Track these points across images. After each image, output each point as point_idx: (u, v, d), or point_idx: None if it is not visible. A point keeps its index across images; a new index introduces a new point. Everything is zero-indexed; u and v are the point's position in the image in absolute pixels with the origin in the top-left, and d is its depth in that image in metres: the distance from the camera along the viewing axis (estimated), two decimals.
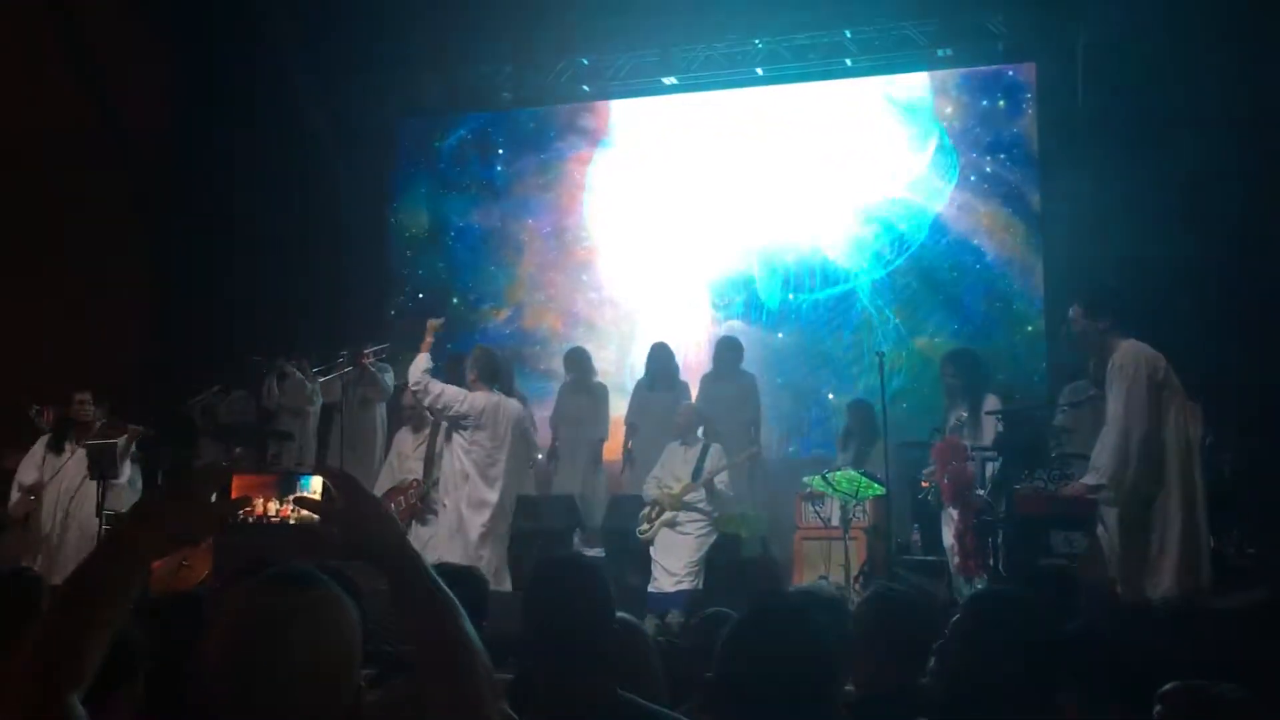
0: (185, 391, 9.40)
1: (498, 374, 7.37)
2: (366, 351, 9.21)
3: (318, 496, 1.71)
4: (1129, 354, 5.47)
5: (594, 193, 11.13)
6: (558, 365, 9.83)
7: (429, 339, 7.26)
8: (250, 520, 1.70)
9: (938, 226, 10.19)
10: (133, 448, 7.95)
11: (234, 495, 1.71)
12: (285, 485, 1.71)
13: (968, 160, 10.13)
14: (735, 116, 10.74)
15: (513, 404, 7.46)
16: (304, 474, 1.73)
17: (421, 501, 7.90)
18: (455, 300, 11.21)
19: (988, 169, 10.09)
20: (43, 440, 8.04)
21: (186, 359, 9.97)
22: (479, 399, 7.13)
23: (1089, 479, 5.49)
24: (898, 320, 10.11)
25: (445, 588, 1.70)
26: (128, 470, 7.95)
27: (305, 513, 1.72)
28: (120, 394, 8.44)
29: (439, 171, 11.62)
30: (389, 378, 9.25)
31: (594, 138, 11.20)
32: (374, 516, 1.71)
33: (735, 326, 10.19)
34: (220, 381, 9.41)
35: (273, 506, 1.71)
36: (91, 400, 8.04)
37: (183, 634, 2.66)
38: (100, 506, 7.59)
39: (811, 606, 2.56)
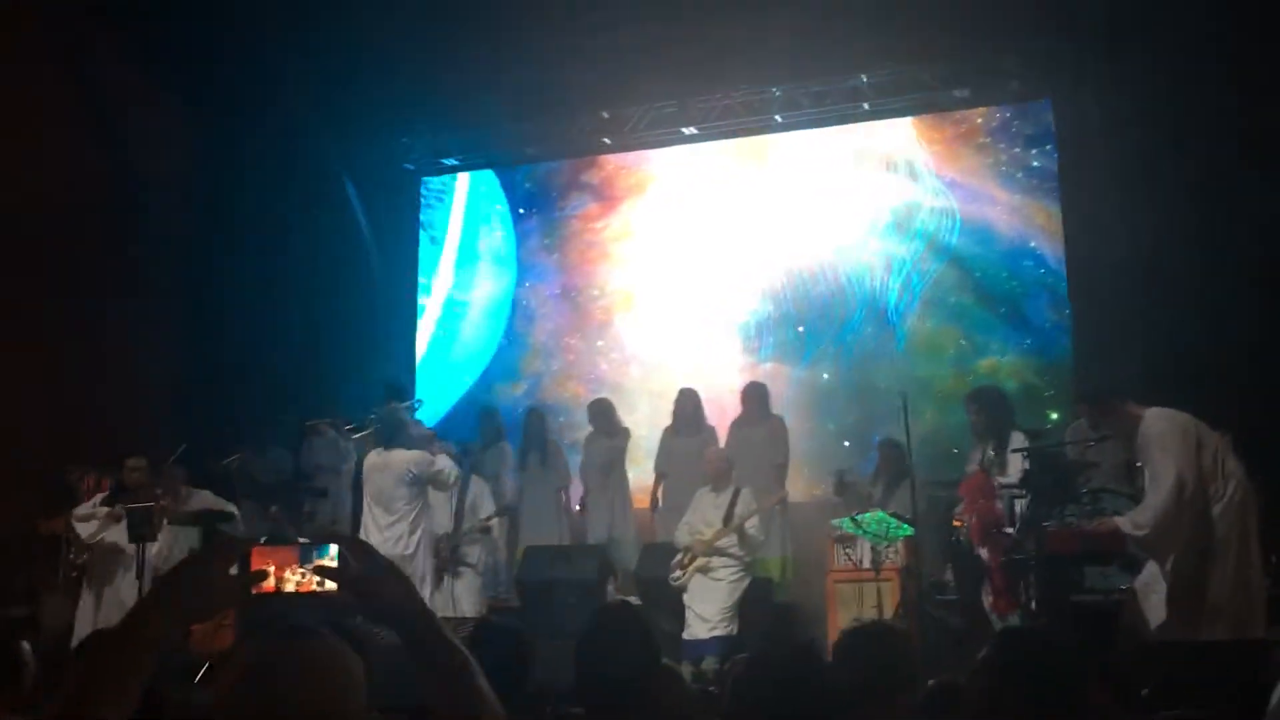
0: (221, 453, 9.52)
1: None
2: (402, 408, 9.29)
3: (335, 564, 1.78)
4: (1159, 422, 5.40)
5: (605, 249, 11.16)
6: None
7: None
8: (271, 593, 1.77)
9: (987, 236, 10.05)
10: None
11: (254, 567, 1.78)
12: (304, 555, 1.78)
13: (1010, 158, 10.08)
14: (747, 161, 10.84)
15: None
16: (322, 544, 1.80)
17: (453, 554, 7.98)
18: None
19: (1034, 163, 10.01)
20: (98, 499, 8.14)
21: (220, 419, 10.09)
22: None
23: (1127, 528, 5.42)
24: (954, 345, 9.95)
25: (458, 644, 1.78)
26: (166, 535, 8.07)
27: (327, 582, 1.79)
28: (158, 457, 8.54)
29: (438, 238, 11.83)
30: (429, 435, 9.31)
31: (599, 193, 11.28)
32: (387, 580, 1.79)
33: (771, 370, 10.18)
34: (254, 441, 9.51)
35: (292, 578, 1.78)
36: (145, 466, 8.16)
37: None
38: (140, 569, 7.69)
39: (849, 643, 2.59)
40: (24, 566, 8.66)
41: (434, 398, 11.17)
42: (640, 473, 9.43)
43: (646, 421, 9.89)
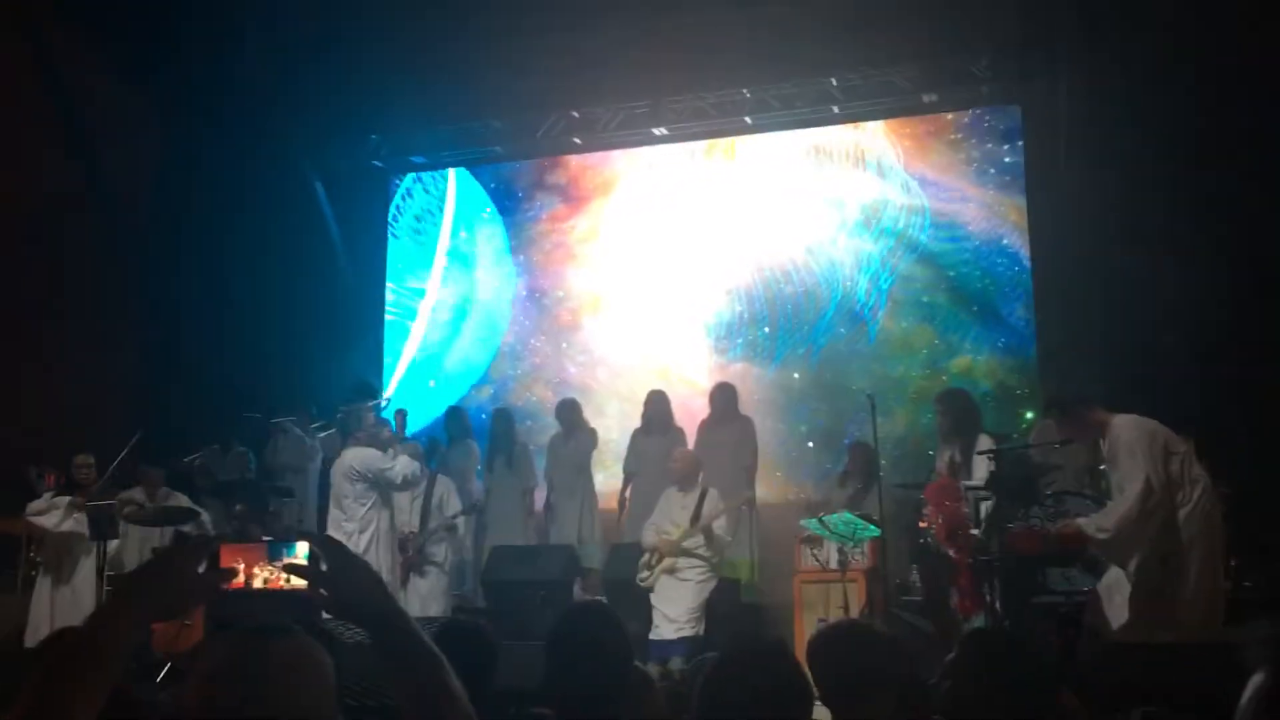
0: (183, 451, 9.44)
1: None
2: (366, 407, 9.24)
3: (304, 561, 1.77)
4: (1128, 429, 5.40)
5: (571, 250, 11.13)
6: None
7: None
8: (240, 590, 1.76)
9: (959, 233, 10.01)
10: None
11: (223, 564, 1.77)
12: (273, 552, 1.77)
13: (982, 154, 10.09)
14: (714, 159, 10.87)
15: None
16: (290, 541, 1.79)
17: (418, 554, 7.96)
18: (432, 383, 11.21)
19: (1006, 159, 10.03)
20: (46, 497, 8.06)
21: (184, 418, 10.00)
22: None
23: (1091, 530, 5.45)
24: (927, 344, 9.92)
25: (429, 642, 1.77)
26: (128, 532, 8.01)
27: (295, 579, 1.78)
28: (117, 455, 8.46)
29: (400, 238, 11.77)
30: (386, 433, 9.27)
31: (565, 194, 11.26)
32: (358, 578, 1.77)
33: (741, 370, 10.19)
34: (218, 439, 9.44)
35: (261, 575, 1.77)
36: (94, 463, 8.09)
37: None
38: (102, 566, 7.62)
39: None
40: None
41: (427, 400, 11.13)
42: (609, 475, 9.43)
43: (615, 425, 9.87)
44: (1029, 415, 9.26)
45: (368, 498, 7.82)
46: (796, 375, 10.31)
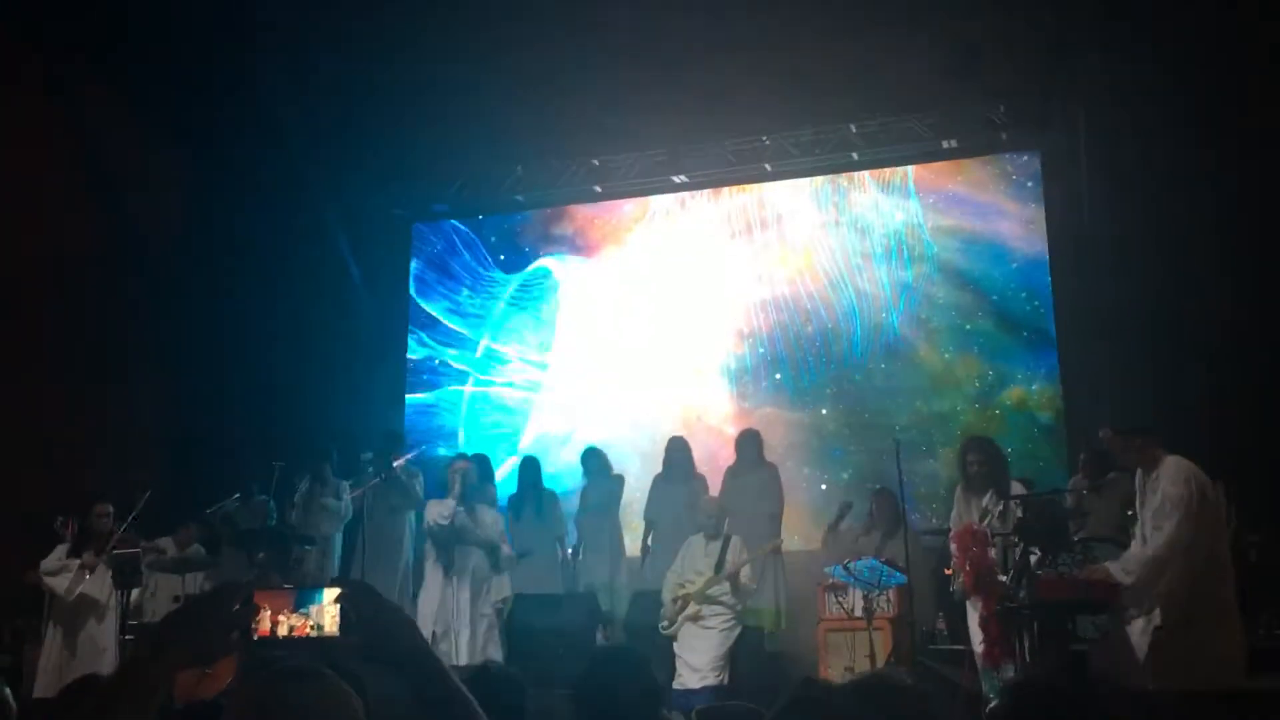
0: (204, 500, 9.45)
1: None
2: (397, 459, 9.25)
3: (332, 608, 1.77)
4: (1179, 476, 5.35)
5: (582, 302, 11.09)
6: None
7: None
8: (267, 637, 1.75)
9: (999, 253, 9.61)
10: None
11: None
12: (300, 599, 1.77)
13: (1017, 166, 9.82)
14: (729, 195, 10.84)
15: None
16: (317, 588, 1.78)
17: None
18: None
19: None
20: (62, 548, 8.05)
21: (204, 467, 10.02)
22: None
23: (1118, 574, 5.41)
24: (974, 375, 9.52)
25: (461, 686, 1.77)
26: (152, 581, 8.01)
27: (325, 626, 1.77)
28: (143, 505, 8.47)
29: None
30: (419, 484, 9.28)
31: (574, 244, 11.24)
32: (390, 622, 1.77)
33: (768, 415, 10.03)
34: (241, 488, 9.43)
35: (287, 622, 1.76)
36: (112, 512, 8.10)
37: None
38: (125, 616, 7.61)
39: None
40: (9, 616, 8.55)
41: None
42: (633, 535, 9.32)
43: (635, 475, 9.65)
44: None
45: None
46: (825, 416, 10.01)
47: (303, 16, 9.69)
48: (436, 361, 11.51)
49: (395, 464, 9.15)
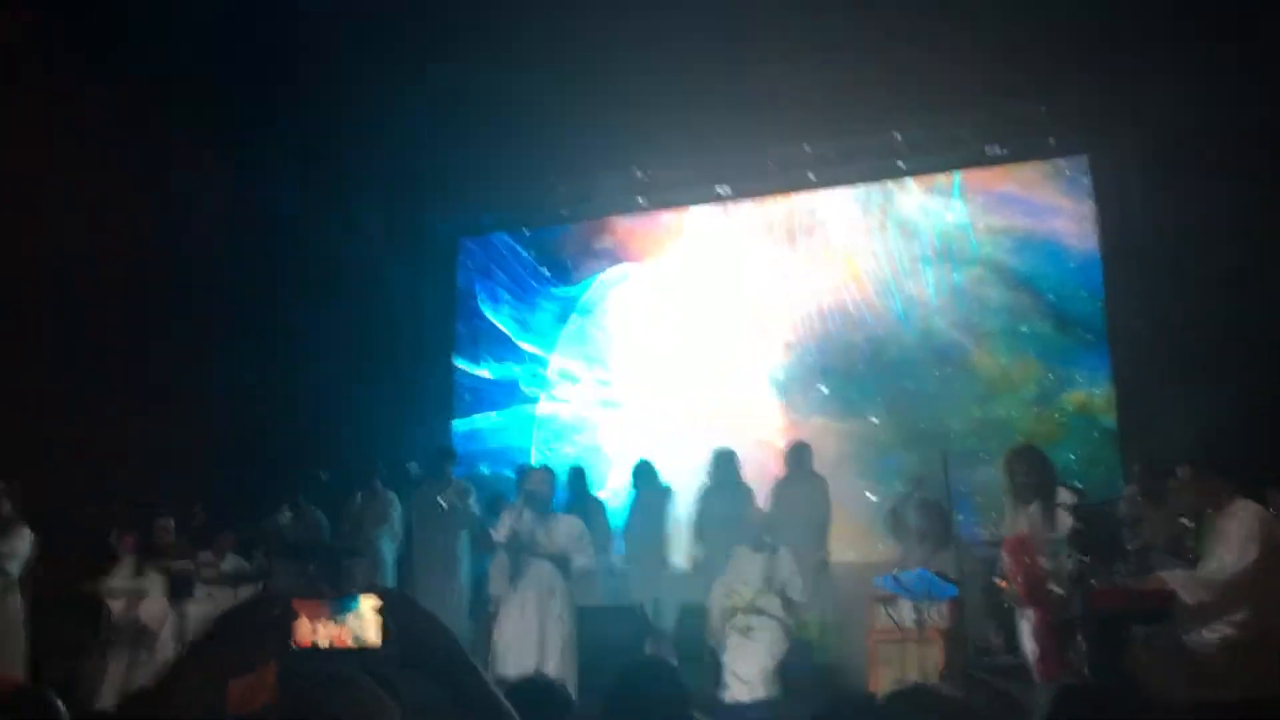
0: (258, 512, 9.54)
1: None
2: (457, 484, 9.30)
3: (370, 617, 1.76)
4: (1256, 517, 5.32)
5: (628, 314, 11.07)
6: None
7: None
8: (305, 647, 1.75)
9: (1055, 251, 9.37)
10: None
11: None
12: (337, 609, 1.77)
13: (1072, 161, 9.58)
14: (774, 202, 10.76)
15: None
16: (354, 596, 1.78)
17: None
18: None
19: None
20: (129, 561, 8.17)
21: (254, 480, 10.12)
22: None
23: (1179, 588, 5.33)
24: (1033, 379, 9.27)
25: (500, 696, 1.76)
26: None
27: (366, 635, 1.77)
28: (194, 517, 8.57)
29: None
30: (472, 501, 9.31)
31: (615, 257, 11.22)
32: (430, 632, 1.76)
33: (819, 425, 9.92)
34: (290, 500, 9.51)
35: (325, 632, 1.76)
36: (173, 527, 8.20)
37: None
38: (180, 628, 7.70)
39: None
40: (66, 626, 8.67)
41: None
42: (677, 534, 9.30)
43: (683, 488, 9.52)
44: None
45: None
46: (878, 424, 9.84)
47: (350, 32, 9.78)
48: (496, 378, 11.52)
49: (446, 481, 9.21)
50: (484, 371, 11.60)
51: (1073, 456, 8.99)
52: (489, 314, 11.71)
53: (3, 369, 8.84)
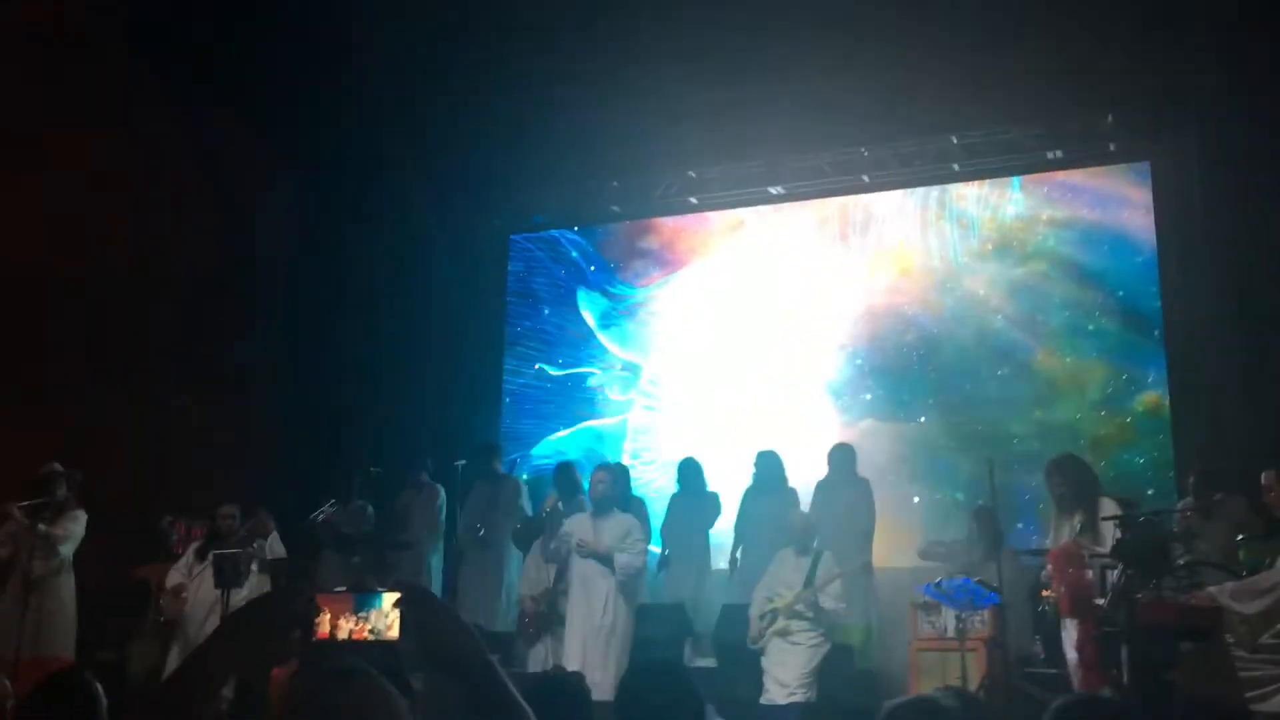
0: (311, 505, 9.65)
1: None
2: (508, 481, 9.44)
3: (391, 612, 1.79)
4: None
5: (667, 316, 11.01)
6: None
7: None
8: (327, 641, 1.78)
9: (1125, 245, 8.99)
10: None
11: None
12: (360, 603, 1.79)
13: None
14: (824, 203, 10.65)
15: None
16: (378, 591, 1.80)
17: (548, 607, 7.95)
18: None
19: None
20: (193, 548, 8.32)
21: (306, 473, 10.25)
22: None
23: (1227, 602, 5.23)
24: (1101, 381, 8.95)
25: (517, 695, 1.78)
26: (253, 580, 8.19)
27: (388, 630, 1.80)
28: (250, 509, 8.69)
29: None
30: (523, 498, 9.39)
31: (659, 259, 11.17)
32: (448, 628, 1.78)
33: (869, 427, 9.80)
34: (338, 494, 9.61)
35: (346, 626, 1.79)
36: (236, 514, 8.33)
37: None
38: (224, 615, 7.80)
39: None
40: (114, 612, 8.84)
41: None
42: (719, 535, 9.27)
43: (731, 491, 9.39)
44: None
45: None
46: (931, 426, 9.60)
47: (409, 36, 9.87)
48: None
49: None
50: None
51: (1140, 460, 8.75)
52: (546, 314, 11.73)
53: (71, 359, 9.04)
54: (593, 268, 11.64)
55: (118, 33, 9.67)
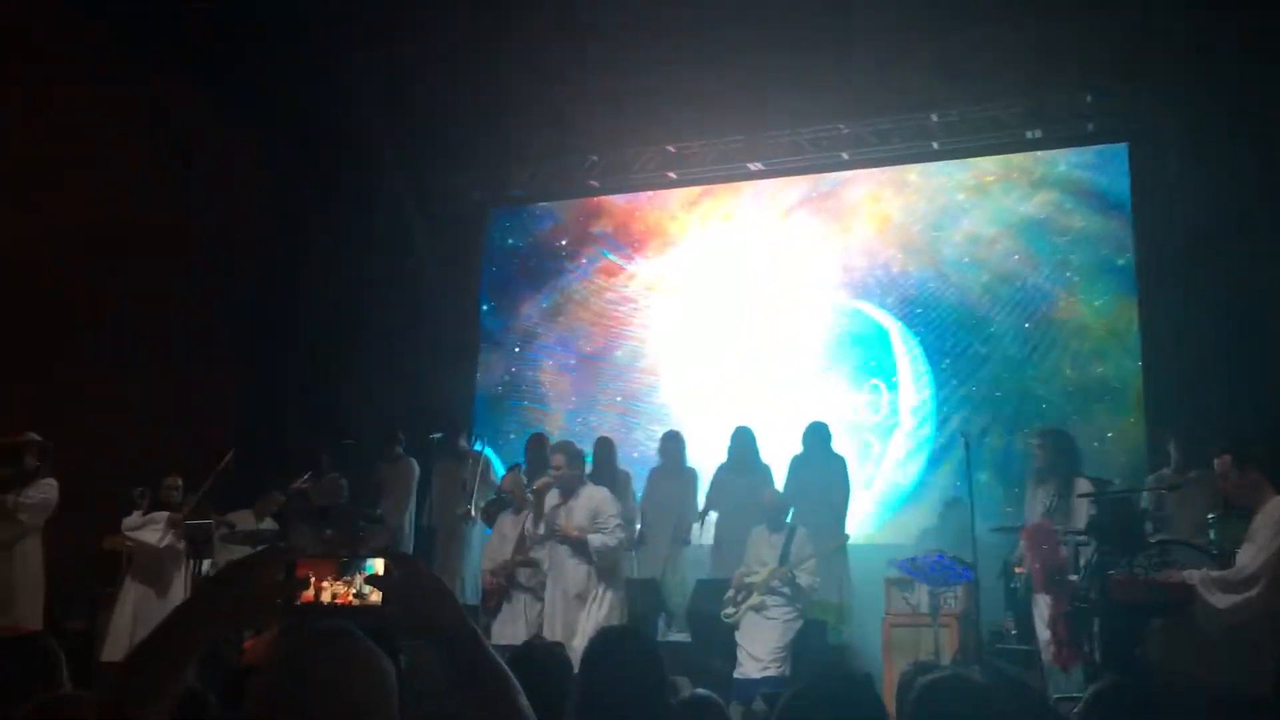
0: (281, 476, 9.59)
1: None
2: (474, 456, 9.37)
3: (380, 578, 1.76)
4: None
5: (647, 294, 11.04)
6: None
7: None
8: (310, 604, 1.74)
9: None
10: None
11: (297, 575, 1.76)
12: (344, 568, 1.76)
13: None
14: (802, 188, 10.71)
15: None
16: (365, 557, 1.77)
17: (507, 581, 7.91)
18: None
19: None
20: (138, 513, 8.26)
21: (281, 444, 10.18)
22: None
23: (1199, 586, 5.28)
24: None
25: (500, 663, 1.76)
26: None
27: (369, 596, 1.76)
28: (218, 480, 8.62)
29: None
30: (490, 472, 9.35)
31: (635, 235, 11.22)
32: (433, 595, 1.75)
33: (854, 400, 9.88)
34: (311, 466, 9.57)
35: (330, 590, 1.75)
36: (181, 485, 8.28)
37: None
38: (193, 585, 7.77)
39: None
40: (85, 581, 8.78)
41: None
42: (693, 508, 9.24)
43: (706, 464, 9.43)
44: None
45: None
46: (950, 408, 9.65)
47: (385, 4, 9.75)
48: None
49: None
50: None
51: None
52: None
53: (47, 331, 8.94)
54: (569, 241, 11.59)
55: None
